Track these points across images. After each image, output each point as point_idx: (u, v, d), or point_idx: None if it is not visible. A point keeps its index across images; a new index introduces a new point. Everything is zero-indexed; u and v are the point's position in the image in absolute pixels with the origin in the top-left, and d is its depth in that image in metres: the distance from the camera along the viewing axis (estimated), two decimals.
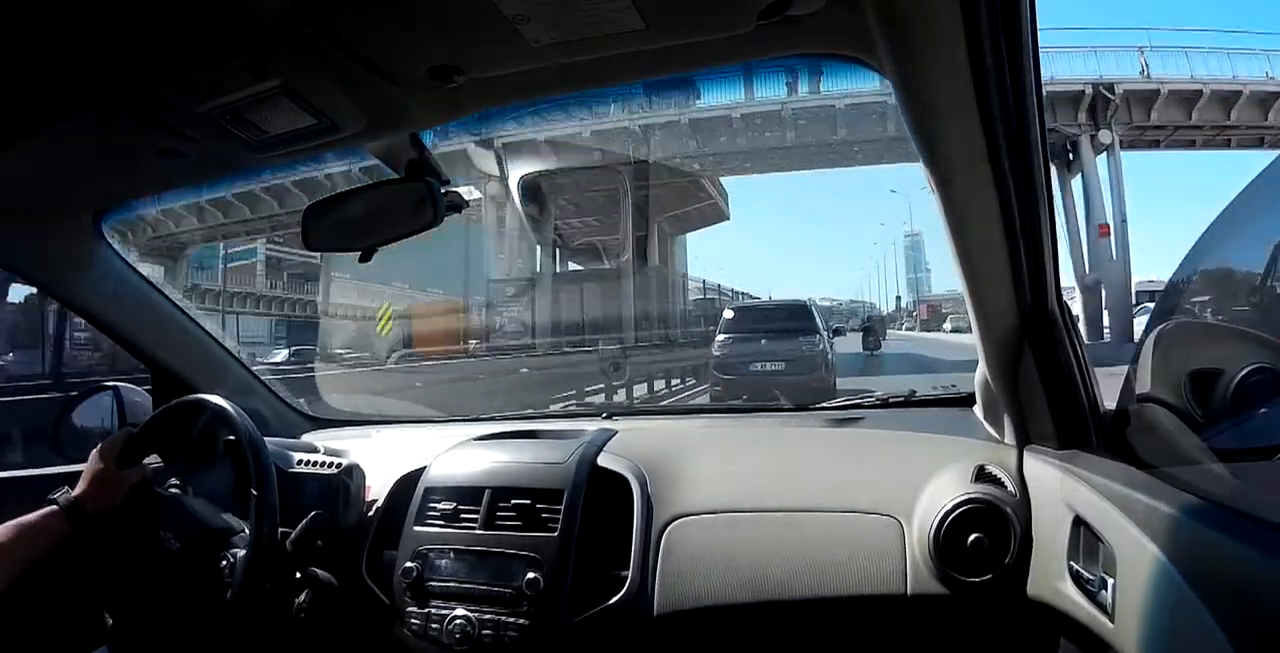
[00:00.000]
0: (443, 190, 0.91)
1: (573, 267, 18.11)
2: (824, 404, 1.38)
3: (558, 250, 17.02)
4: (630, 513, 1.04)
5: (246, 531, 1.03)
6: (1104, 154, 15.96)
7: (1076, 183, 16.30)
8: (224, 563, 1.02)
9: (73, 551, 0.98)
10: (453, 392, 8.09)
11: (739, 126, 16.02)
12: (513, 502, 1.07)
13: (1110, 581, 0.68)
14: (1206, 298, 0.86)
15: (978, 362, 1.00)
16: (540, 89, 0.83)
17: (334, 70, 0.72)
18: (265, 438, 1.07)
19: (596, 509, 1.06)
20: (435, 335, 12.23)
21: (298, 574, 1.07)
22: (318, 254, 14.21)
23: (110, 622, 1.08)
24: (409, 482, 1.17)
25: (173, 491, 1.14)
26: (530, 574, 1.00)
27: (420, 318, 13.52)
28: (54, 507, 0.98)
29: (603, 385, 7.65)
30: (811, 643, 1.01)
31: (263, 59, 0.70)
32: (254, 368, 1.52)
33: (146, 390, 1.39)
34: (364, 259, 0.95)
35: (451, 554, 1.06)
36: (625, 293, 13.59)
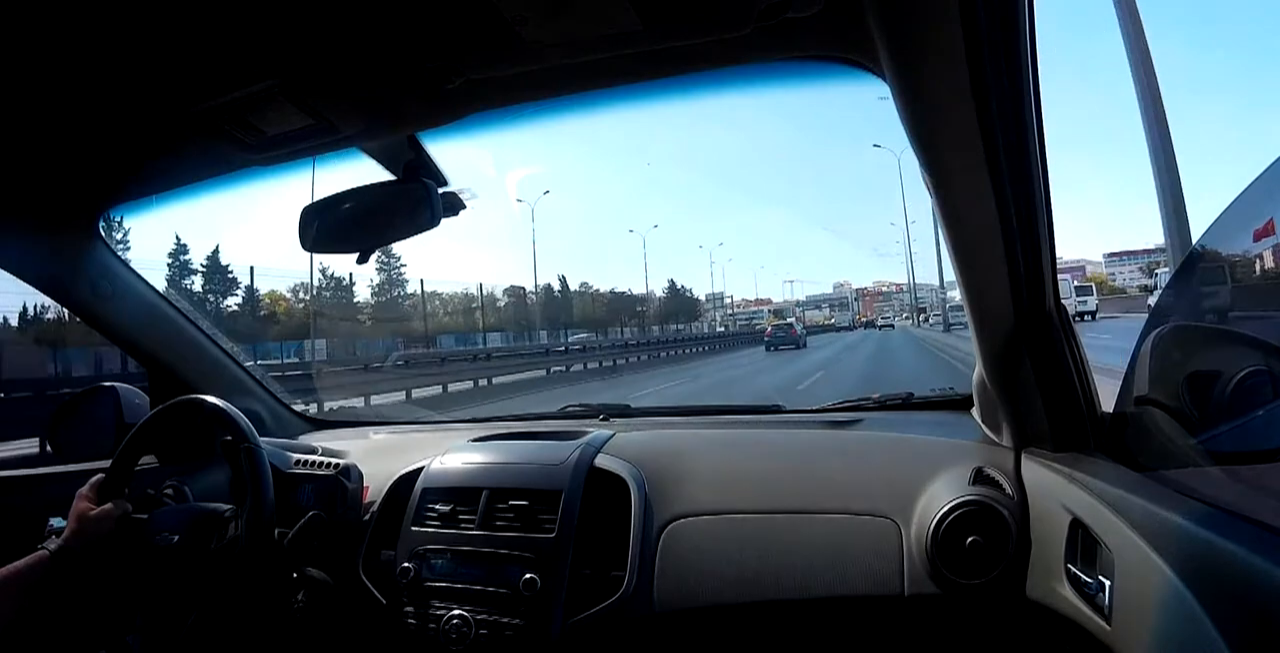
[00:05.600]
0: (440, 192, 0.91)
1: None
2: (822, 406, 1.38)
3: None
4: (628, 514, 1.04)
5: (240, 515, 1.02)
6: None
7: None
8: (221, 539, 1.01)
9: (65, 593, 0.97)
10: None
11: None
12: (510, 503, 1.07)
13: (1108, 584, 0.68)
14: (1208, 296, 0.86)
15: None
16: (539, 90, 0.83)
17: (332, 71, 0.72)
18: (262, 439, 1.07)
19: (594, 510, 1.06)
20: None
21: (294, 574, 1.07)
22: None
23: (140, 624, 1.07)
24: (406, 483, 1.17)
25: (165, 494, 1.13)
26: (527, 575, 1.00)
27: None
28: (43, 552, 0.96)
29: None
30: (809, 644, 1.01)
31: (260, 59, 0.70)
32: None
33: (142, 389, 1.39)
34: (361, 261, 0.95)
35: (449, 555, 1.06)
36: None
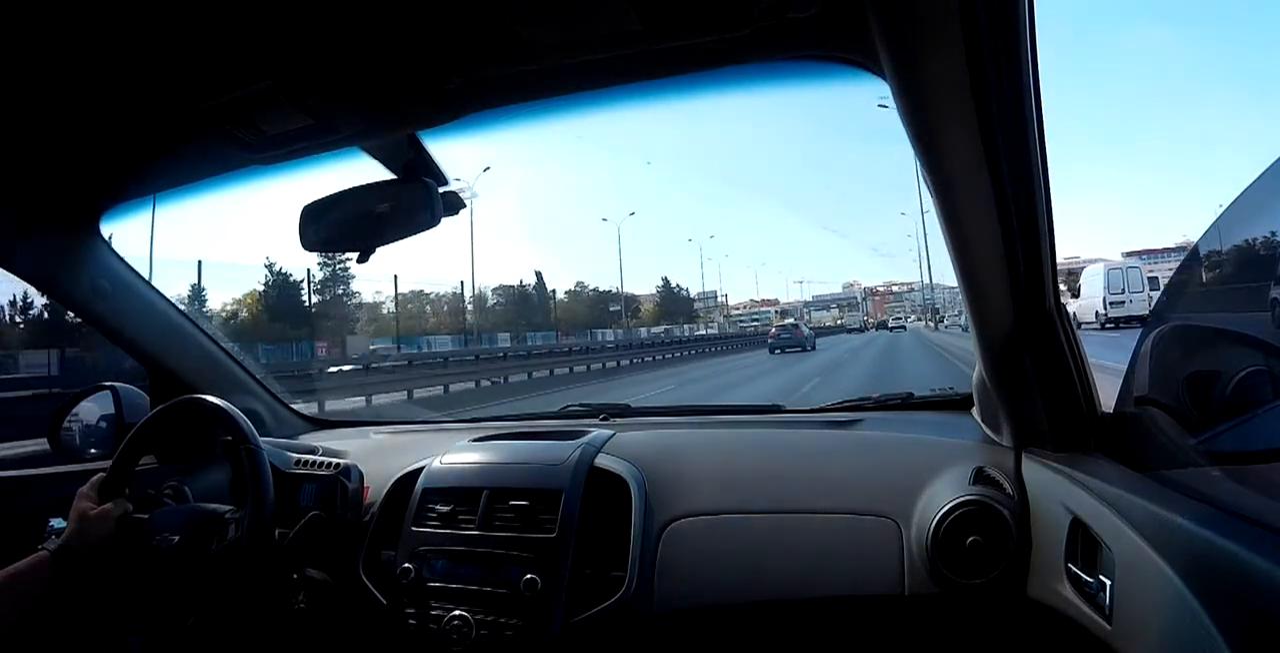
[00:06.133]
0: (440, 191, 0.91)
1: None
2: (822, 406, 1.38)
3: None
4: (628, 514, 1.04)
5: (241, 516, 1.02)
6: None
7: None
8: (221, 539, 1.01)
9: (65, 593, 0.96)
10: None
11: None
12: (510, 503, 1.07)
13: (1108, 583, 0.68)
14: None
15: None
16: (538, 90, 0.83)
17: (332, 70, 0.72)
18: (263, 439, 1.07)
19: (594, 511, 1.06)
20: None
21: (294, 575, 1.07)
22: None
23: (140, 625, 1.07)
24: (407, 483, 1.17)
25: (165, 494, 1.13)
26: (528, 575, 1.00)
27: None
28: (43, 552, 0.95)
29: None
30: (809, 644, 1.01)
31: (261, 59, 0.70)
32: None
33: (142, 389, 1.39)
34: (361, 260, 0.95)
35: (449, 555, 1.06)
36: None
